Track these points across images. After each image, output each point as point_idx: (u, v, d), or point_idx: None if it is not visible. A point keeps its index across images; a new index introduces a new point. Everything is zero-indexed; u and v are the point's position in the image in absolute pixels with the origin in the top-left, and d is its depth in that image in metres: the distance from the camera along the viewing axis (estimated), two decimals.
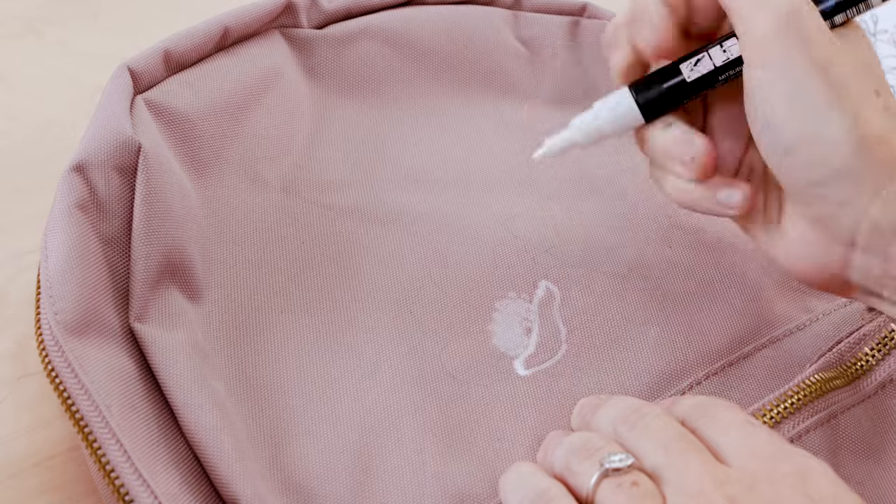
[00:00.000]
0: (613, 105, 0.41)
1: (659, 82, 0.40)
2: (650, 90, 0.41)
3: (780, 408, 0.39)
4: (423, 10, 0.54)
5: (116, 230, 0.41)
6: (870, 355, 0.41)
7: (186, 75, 0.47)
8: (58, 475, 0.41)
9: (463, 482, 0.38)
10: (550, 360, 0.42)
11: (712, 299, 0.44)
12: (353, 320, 0.43)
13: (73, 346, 0.37)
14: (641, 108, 0.41)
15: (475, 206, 0.48)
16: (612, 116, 0.41)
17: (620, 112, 0.41)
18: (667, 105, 0.41)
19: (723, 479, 0.32)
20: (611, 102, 0.41)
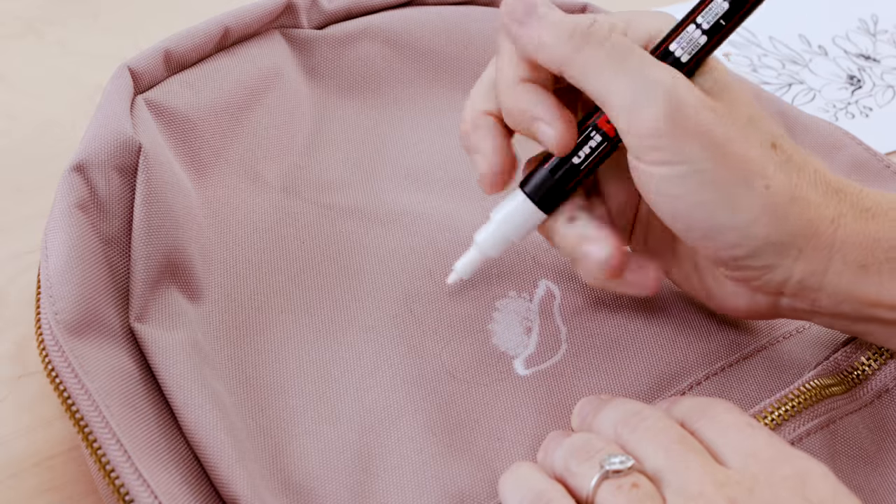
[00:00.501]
0: (511, 211, 0.41)
1: (550, 173, 0.39)
2: (543, 184, 0.40)
3: (780, 410, 0.39)
4: (423, 11, 0.54)
5: (116, 230, 0.41)
6: (866, 365, 0.42)
7: (187, 75, 0.47)
8: (58, 475, 0.41)
9: (463, 482, 0.38)
10: (551, 359, 0.42)
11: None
12: (353, 320, 0.43)
13: (74, 346, 0.37)
14: (539, 205, 0.40)
15: (475, 206, 0.48)
16: (513, 222, 0.41)
17: (520, 215, 0.40)
18: (564, 193, 0.40)
19: (723, 481, 0.32)
20: (507, 209, 0.41)
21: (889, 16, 0.72)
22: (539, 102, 0.38)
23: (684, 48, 0.37)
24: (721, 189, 0.36)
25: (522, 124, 0.39)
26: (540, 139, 0.39)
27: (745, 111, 0.37)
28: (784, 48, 0.69)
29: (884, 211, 0.37)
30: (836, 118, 0.63)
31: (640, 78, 0.36)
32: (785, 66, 0.67)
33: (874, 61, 0.68)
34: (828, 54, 0.68)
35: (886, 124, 0.63)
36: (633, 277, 0.40)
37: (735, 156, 0.36)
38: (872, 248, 0.37)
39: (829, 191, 0.37)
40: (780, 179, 0.36)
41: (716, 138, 0.36)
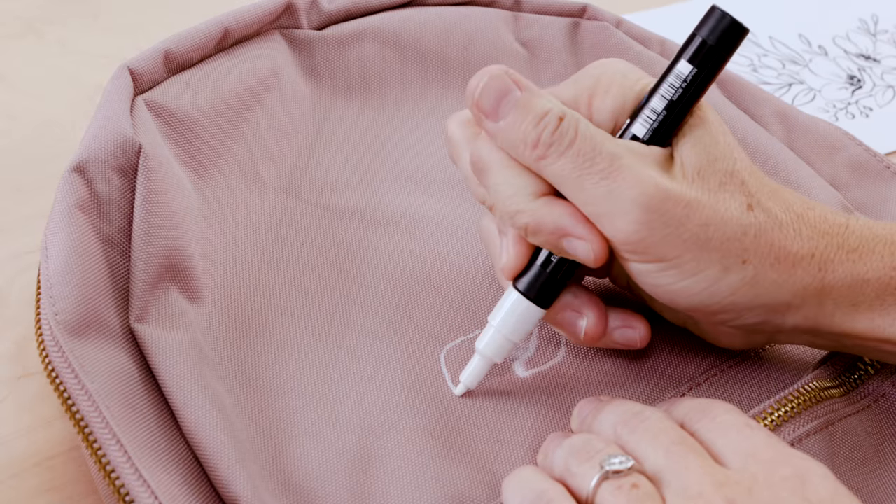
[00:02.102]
0: (510, 312, 0.39)
1: (542, 268, 0.38)
2: (537, 280, 0.39)
3: (780, 412, 0.39)
4: (423, 12, 0.54)
5: (116, 230, 0.41)
6: (863, 369, 0.42)
7: (187, 76, 0.47)
8: (58, 475, 0.41)
9: (462, 484, 0.38)
10: (550, 361, 0.42)
11: None
12: (353, 323, 0.43)
13: (74, 347, 0.37)
14: (537, 302, 0.39)
15: (475, 208, 0.48)
16: (513, 324, 0.39)
17: (519, 315, 0.39)
18: (559, 286, 0.39)
19: (722, 481, 0.32)
20: (505, 311, 0.39)
21: (889, 16, 0.72)
22: (567, 217, 0.36)
23: (651, 125, 0.37)
24: (700, 277, 0.36)
25: (550, 241, 0.37)
26: (572, 253, 0.37)
27: (718, 174, 0.36)
28: (784, 48, 0.69)
29: (870, 248, 0.37)
30: (836, 118, 0.63)
31: (607, 186, 0.35)
32: (785, 66, 0.67)
33: (874, 61, 0.68)
34: (828, 54, 0.68)
35: (886, 124, 0.63)
36: (620, 335, 0.41)
37: (711, 242, 0.36)
38: (862, 288, 0.37)
39: (814, 234, 0.37)
40: (759, 247, 0.36)
41: (691, 233, 0.35)
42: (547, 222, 0.37)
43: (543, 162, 0.36)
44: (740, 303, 0.37)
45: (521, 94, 0.37)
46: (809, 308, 0.37)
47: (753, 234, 0.36)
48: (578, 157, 0.36)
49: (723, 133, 0.38)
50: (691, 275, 0.36)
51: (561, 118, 0.36)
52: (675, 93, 0.37)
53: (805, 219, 0.37)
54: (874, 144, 0.54)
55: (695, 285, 0.36)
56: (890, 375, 0.42)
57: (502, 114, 0.37)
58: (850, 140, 0.53)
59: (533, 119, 0.36)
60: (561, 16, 0.57)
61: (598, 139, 0.36)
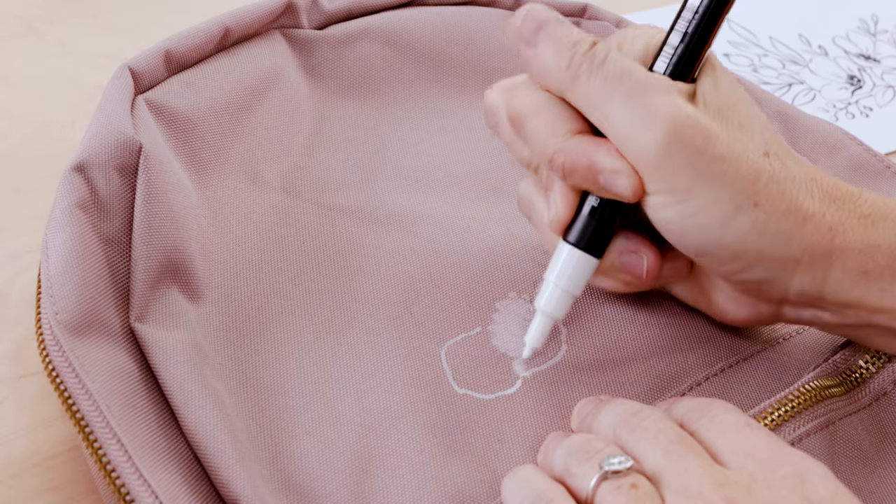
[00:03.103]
0: (564, 265, 0.39)
1: (591, 216, 0.39)
2: (586, 229, 0.39)
3: (780, 411, 0.39)
4: (423, 11, 0.54)
5: (117, 230, 0.41)
6: (864, 368, 0.42)
7: (187, 75, 0.47)
8: (58, 475, 0.41)
9: (463, 483, 0.38)
10: (550, 360, 0.42)
11: None
12: (354, 321, 0.43)
13: (74, 346, 0.37)
14: (590, 251, 0.39)
15: (475, 207, 0.48)
16: (569, 277, 0.40)
17: (574, 267, 0.39)
18: (609, 232, 0.39)
19: (721, 481, 0.32)
20: (560, 265, 0.40)
21: (889, 16, 0.72)
22: (602, 152, 0.37)
23: (671, 59, 0.38)
24: (712, 212, 0.36)
25: (587, 177, 0.38)
26: (609, 189, 0.37)
27: (738, 117, 0.37)
28: (784, 48, 0.69)
29: (883, 216, 0.37)
30: (837, 118, 0.63)
31: (635, 106, 0.36)
32: (785, 66, 0.67)
33: (874, 61, 0.68)
34: (828, 54, 0.68)
35: (886, 124, 0.63)
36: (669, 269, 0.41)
37: (725, 177, 0.36)
38: (873, 254, 0.37)
39: (826, 198, 0.37)
40: (771, 193, 0.36)
41: (707, 163, 0.36)
42: (582, 158, 0.37)
43: (575, 83, 0.37)
44: (749, 250, 0.37)
45: (558, 25, 0.38)
46: (817, 270, 0.37)
47: (766, 180, 0.36)
48: (608, 77, 0.37)
49: (738, 83, 0.39)
50: (702, 210, 0.36)
51: (594, 43, 0.38)
52: (689, 24, 0.38)
53: (818, 182, 0.37)
54: (874, 144, 0.54)
55: (706, 221, 0.36)
56: (891, 374, 0.42)
57: (540, 40, 0.38)
58: (851, 140, 0.53)
59: (567, 42, 0.38)
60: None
61: (627, 64, 0.37)
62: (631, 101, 0.36)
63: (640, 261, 0.40)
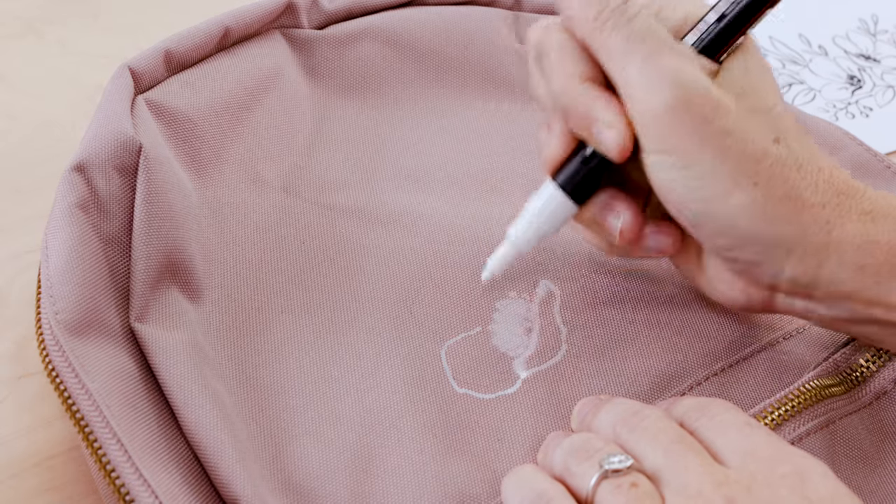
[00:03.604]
0: (544, 203, 0.40)
1: (582, 164, 0.39)
2: (575, 175, 0.39)
3: (780, 410, 0.39)
4: (423, 11, 0.54)
5: (117, 230, 0.41)
6: (864, 367, 0.42)
7: (187, 75, 0.47)
8: (58, 475, 0.41)
9: (463, 482, 0.38)
10: (551, 360, 0.42)
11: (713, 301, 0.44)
12: (354, 320, 0.43)
13: (74, 346, 0.37)
14: (573, 196, 0.40)
15: (475, 207, 0.48)
16: (546, 215, 0.40)
17: (553, 208, 0.40)
18: (597, 183, 0.40)
19: (721, 480, 0.32)
20: (541, 202, 0.40)
21: (889, 16, 0.72)
22: (602, 103, 0.38)
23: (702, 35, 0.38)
24: (711, 182, 0.36)
25: (581, 124, 0.38)
26: (598, 141, 0.38)
27: (756, 101, 0.37)
28: (784, 48, 0.69)
29: (884, 213, 0.37)
30: (837, 118, 0.63)
31: (650, 64, 0.36)
32: (785, 66, 0.67)
33: (874, 61, 0.68)
34: (828, 54, 0.68)
35: (886, 124, 0.63)
36: (653, 240, 0.41)
37: (728, 151, 0.36)
38: (871, 249, 0.37)
39: (829, 191, 0.37)
40: (773, 176, 0.36)
41: (712, 133, 0.36)
42: (582, 104, 0.38)
43: (600, 34, 0.37)
44: (742, 228, 0.37)
45: None
46: (811, 259, 0.37)
47: (770, 164, 0.36)
48: (632, 33, 0.37)
49: (769, 71, 0.39)
50: (701, 178, 0.36)
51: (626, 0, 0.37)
52: (728, 7, 0.38)
53: (825, 173, 0.37)
54: (874, 144, 0.54)
55: (703, 190, 0.37)
56: (891, 373, 0.42)
57: None
58: (851, 140, 0.53)
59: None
60: None
61: (655, 26, 0.37)
62: (648, 61, 0.36)
63: (615, 219, 0.40)
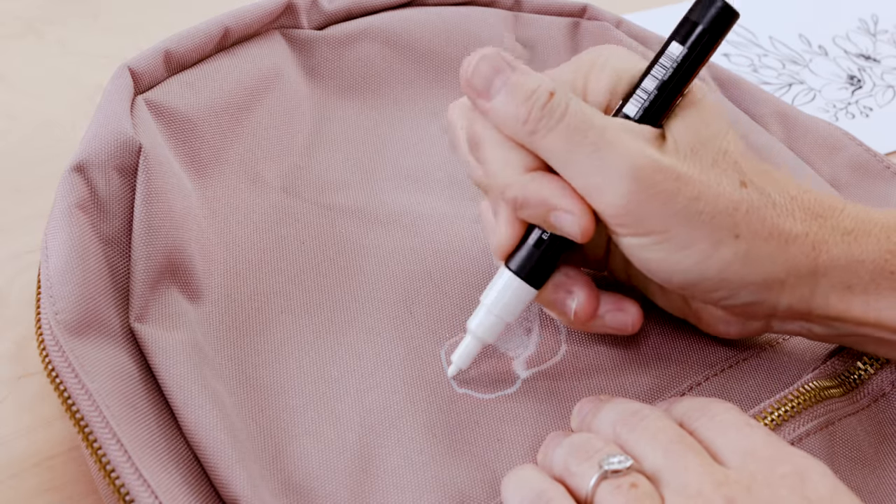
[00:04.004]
0: (501, 292, 0.39)
1: (535, 248, 0.38)
2: (529, 259, 0.39)
3: (780, 411, 0.39)
4: (423, 12, 0.54)
5: (117, 230, 0.41)
6: (862, 369, 0.42)
7: (187, 75, 0.47)
8: (58, 475, 0.41)
9: (463, 482, 0.38)
10: (550, 360, 0.42)
11: None
12: (353, 321, 0.43)
13: (74, 346, 0.37)
14: (529, 281, 0.39)
15: (475, 207, 0.48)
16: (505, 303, 0.39)
17: (511, 294, 0.39)
18: (551, 266, 0.39)
19: (721, 480, 0.32)
20: (497, 291, 0.39)
21: (889, 16, 0.72)
22: (556, 191, 0.36)
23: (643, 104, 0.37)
24: (693, 249, 0.36)
25: (537, 214, 0.37)
26: (559, 227, 0.37)
27: (711, 152, 0.37)
28: (784, 48, 0.69)
29: (866, 231, 0.37)
30: (837, 118, 0.63)
31: (598, 158, 0.35)
32: (785, 66, 0.67)
33: (874, 61, 0.68)
34: (828, 54, 0.68)
35: (886, 124, 0.63)
36: (612, 319, 0.40)
37: (701, 215, 0.36)
38: (857, 269, 0.37)
39: (808, 216, 0.37)
40: (752, 222, 0.36)
41: (681, 206, 0.35)
42: (534, 195, 0.37)
43: (535, 137, 0.36)
44: (733, 279, 0.37)
45: (512, 73, 0.37)
46: (803, 288, 0.37)
47: (745, 210, 0.36)
48: (568, 130, 0.36)
49: (716, 116, 0.38)
50: (682, 249, 0.36)
51: (551, 94, 0.36)
52: (666, 73, 0.37)
53: (799, 201, 0.37)
54: (874, 144, 0.54)
55: (686, 259, 0.36)
56: (890, 375, 0.42)
57: (493, 93, 0.37)
58: (850, 140, 0.53)
59: (523, 96, 0.36)
60: (561, 16, 0.57)
61: (589, 113, 0.36)
62: (595, 154, 0.35)
63: (570, 301, 0.39)
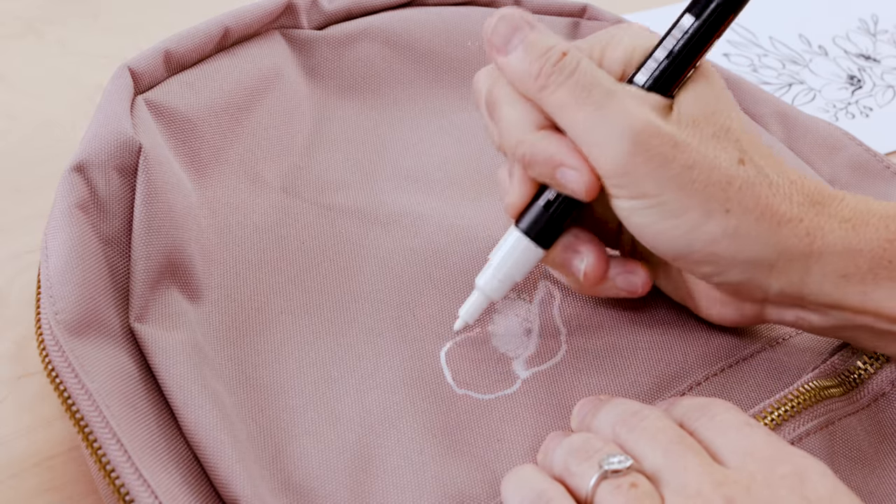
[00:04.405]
0: (510, 251, 0.40)
1: (544, 209, 0.39)
2: (538, 220, 0.39)
3: (780, 410, 0.39)
4: (423, 12, 0.54)
5: (116, 230, 0.41)
6: (862, 369, 0.42)
7: (187, 76, 0.47)
8: (58, 475, 0.41)
9: (463, 483, 0.38)
10: (550, 360, 0.42)
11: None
12: (353, 321, 0.43)
13: (74, 346, 0.37)
14: (538, 241, 0.40)
15: (475, 207, 0.48)
16: (513, 262, 0.40)
17: (519, 254, 0.40)
18: (559, 227, 0.40)
19: (721, 480, 0.32)
20: (506, 250, 0.40)
21: (889, 16, 0.72)
22: (563, 148, 0.38)
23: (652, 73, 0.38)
24: (681, 218, 0.37)
25: (544, 171, 0.38)
26: (564, 184, 0.38)
27: (713, 126, 0.37)
28: (784, 48, 0.69)
29: (864, 220, 0.37)
30: (837, 118, 0.63)
31: (600, 115, 0.37)
32: (785, 66, 0.67)
33: (874, 61, 0.68)
34: (828, 54, 0.68)
35: (886, 124, 0.63)
36: (622, 281, 0.41)
37: (694, 184, 0.36)
38: (854, 258, 0.37)
39: (805, 202, 0.37)
40: (744, 199, 0.36)
41: (675, 171, 0.36)
42: (542, 151, 0.38)
43: (544, 92, 0.38)
44: (721, 254, 0.37)
45: (530, 31, 0.38)
46: (794, 273, 0.37)
47: (739, 186, 0.36)
48: (577, 87, 0.37)
49: (724, 92, 0.39)
50: (673, 216, 0.37)
51: (564, 53, 0.38)
52: (677, 43, 0.38)
53: (798, 185, 0.37)
54: (874, 144, 0.54)
55: (675, 228, 0.37)
56: (890, 375, 0.42)
57: (510, 49, 0.38)
58: (850, 140, 0.53)
59: (538, 52, 0.38)
60: (561, 16, 0.57)
61: (598, 75, 0.38)
62: (597, 113, 0.37)
63: (579, 262, 0.40)
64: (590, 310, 0.44)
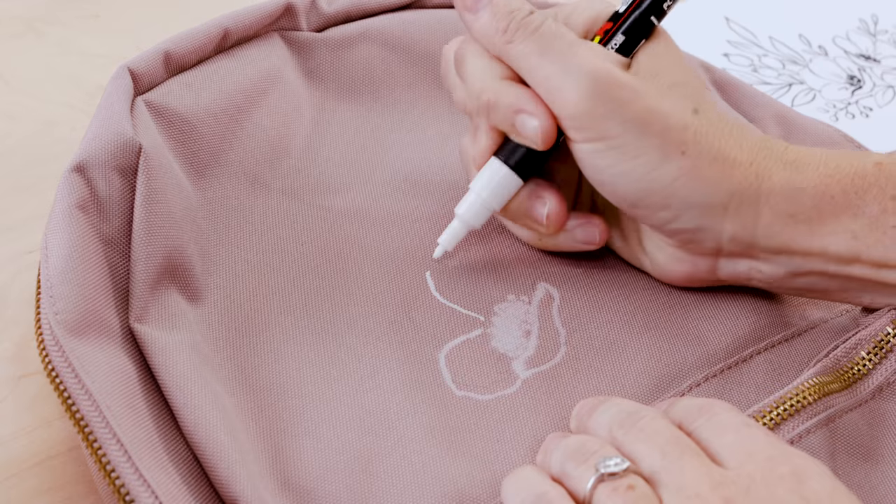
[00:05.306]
0: (489, 179, 0.42)
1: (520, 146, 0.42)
2: (516, 151, 0.42)
3: (779, 409, 0.39)
4: (422, 14, 0.54)
5: (116, 230, 0.41)
6: (865, 360, 0.42)
7: (186, 77, 0.47)
8: (58, 475, 0.41)
9: (462, 483, 0.38)
10: (550, 362, 0.42)
11: (712, 303, 0.44)
12: (353, 322, 0.43)
13: (74, 346, 0.37)
14: (516, 170, 0.42)
15: None
16: (493, 190, 0.42)
17: (498, 182, 0.42)
18: (536, 161, 0.42)
19: (719, 481, 0.32)
20: (486, 178, 0.42)
21: (889, 16, 0.72)
22: (524, 96, 0.40)
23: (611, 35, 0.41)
24: (640, 159, 0.39)
25: (506, 117, 0.41)
26: (522, 131, 0.40)
27: (669, 79, 0.40)
28: (784, 48, 0.69)
29: (805, 161, 0.40)
30: (837, 118, 0.63)
31: (562, 63, 0.39)
32: (785, 66, 0.67)
33: (874, 61, 0.68)
34: (828, 54, 0.68)
35: (886, 124, 0.63)
36: (581, 233, 0.43)
37: (652, 127, 0.39)
38: (798, 196, 0.39)
39: (754, 148, 0.40)
40: (699, 143, 0.39)
41: (634, 114, 0.39)
42: (504, 98, 0.40)
43: (510, 46, 0.41)
44: (678, 195, 0.39)
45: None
46: (746, 214, 0.39)
47: (693, 132, 0.39)
48: (541, 39, 0.40)
49: (679, 52, 0.42)
50: (632, 157, 0.39)
51: (531, 12, 0.41)
52: (637, 9, 0.41)
53: (747, 135, 0.40)
54: (874, 144, 0.54)
55: (634, 170, 0.39)
56: (892, 365, 0.41)
57: (480, 7, 0.41)
58: (848, 142, 0.53)
59: (506, 10, 0.41)
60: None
61: (562, 31, 0.41)
62: (559, 59, 0.39)
63: (542, 207, 0.42)
64: (589, 311, 0.44)
